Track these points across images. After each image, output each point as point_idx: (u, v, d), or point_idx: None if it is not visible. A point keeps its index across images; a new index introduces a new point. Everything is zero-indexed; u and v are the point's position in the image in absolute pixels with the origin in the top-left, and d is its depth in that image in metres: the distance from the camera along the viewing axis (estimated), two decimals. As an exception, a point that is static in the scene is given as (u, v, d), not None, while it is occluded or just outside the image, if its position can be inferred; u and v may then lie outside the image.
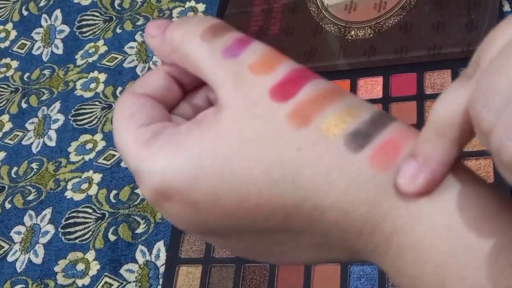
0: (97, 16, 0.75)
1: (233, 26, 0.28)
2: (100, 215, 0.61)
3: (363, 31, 0.61)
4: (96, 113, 0.68)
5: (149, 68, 0.68)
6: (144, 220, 0.59)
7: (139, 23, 0.72)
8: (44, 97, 0.72)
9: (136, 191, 0.61)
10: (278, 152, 0.24)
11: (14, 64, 0.76)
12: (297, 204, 0.24)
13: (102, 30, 0.73)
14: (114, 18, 0.74)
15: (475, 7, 0.58)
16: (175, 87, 0.29)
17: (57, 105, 0.70)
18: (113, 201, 0.61)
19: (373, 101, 0.57)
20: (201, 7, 0.70)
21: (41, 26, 0.77)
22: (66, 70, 0.72)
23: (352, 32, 0.61)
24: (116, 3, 0.75)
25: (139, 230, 0.59)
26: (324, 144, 0.24)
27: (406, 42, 0.58)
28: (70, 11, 0.77)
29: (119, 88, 0.68)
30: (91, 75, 0.71)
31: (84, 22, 0.75)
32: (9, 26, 0.79)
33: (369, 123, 0.24)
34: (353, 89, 0.58)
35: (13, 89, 0.74)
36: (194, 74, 0.28)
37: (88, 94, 0.70)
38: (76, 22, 0.76)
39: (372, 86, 0.58)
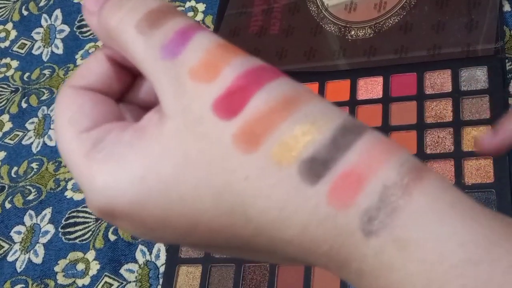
0: (97, 16, 0.75)
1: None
2: (100, 215, 0.61)
3: (363, 31, 0.61)
4: (96, 113, 0.68)
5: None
6: (144, 220, 0.59)
7: (139, 23, 0.72)
8: (44, 97, 0.71)
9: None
10: (226, 179, 0.21)
11: (14, 64, 0.76)
12: (253, 234, 0.21)
13: (102, 30, 0.73)
14: (114, 18, 0.74)
15: (475, 7, 0.57)
16: (121, 72, 0.26)
17: (57, 105, 0.70)
18: (113, 201, 0.61)
19: (373, 101, 0.57)
20: (201, 7, 0.70)
21: (41, 26, 0.77)
22: (66, 70, 0.72)
23: (352, 32, 0.61)
24: (116, 3, 0.74)
25: (139, 230, 0.59)
26: (275, 172, 0.20)
27: (406, 42, 0.58)
28: (70, 11, 0.76)
29: (119, 88, 0.68)
30: (91, 75, 0.71)
31: (84, 22, 0.75)
32: (9, 26, 0.79)
33: (328, 146, 0.20)
34: (353, 89, 0.58)
35: (13, 89, 0.74)
36: None
37: (88, 94, 0.70)
38: (76, 22, 0.75)
39: (372, 86, 0.58)
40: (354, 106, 0.58)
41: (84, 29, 0.75)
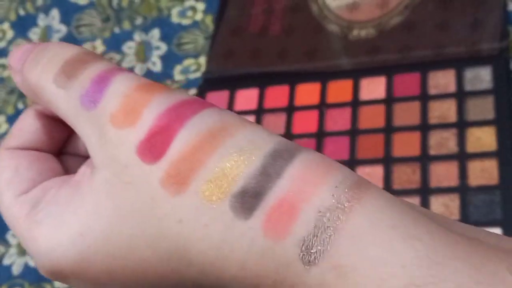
0: (95, 16, 0.74)
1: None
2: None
3: (366, 31, 0.60)
4: (94, 114, 0.67)
5: (148, 69, 0.68)
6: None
7: (138, 22, 0.71)
8: (41, 98, 0.71)
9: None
10: (159, 225, 0.20)
11: (11, 64, 0.75)
12: (199, 276, 0.21)
13: (100, 29, 0.73)
14: (112, 17, 0.73)
15: (480, 6, 0.57)
16: (56, 126, 0.25)
17: (54, 105, 0.70)
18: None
19: (376, 101, 0.57)
20: (200, 6, 0.69)
21: (38, 26, 0.77)
22: (64, 70, 0.72)
23: (355, 32, 0.61)
24: (114, 2, 0.74)
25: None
26: (207, 211, 0.20)
27: (410, 41, 0.58)
28: (68, 11, 0.76)
29: (117, 89, 0.68)
30: (89, 75, 0.70)
31: (81, 22, 0.74)
32: (6, 26, 0.78)
33: (258, 176, 0.20)
34: (356, 89, 0.58)
35: (9, 90, 0.73)
36: None
37: (85, 95, 0.69)
38: (73, 22, 0.75)
39: (375, 86, 0.58)
40: (356, 106, 0.57)
41: (82, 29, 0.74)
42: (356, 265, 0.18)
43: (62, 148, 0.27)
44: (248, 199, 0.20)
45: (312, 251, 0.19)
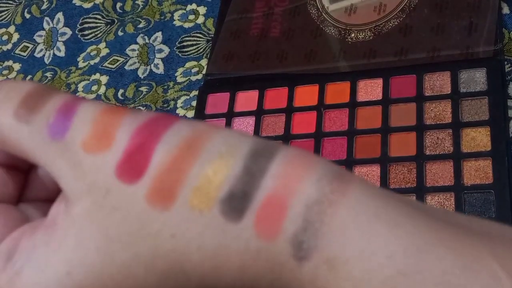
0: (99, 19, 0.75)
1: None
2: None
3: (363, 34, 0.61)
4: (98, 115, 0.68)
5: (150, 71, 0.69)
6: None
7: (141, 25, 0.72)
8: (46, 99, 0.72)
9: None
10: (153, 244, 0.20)
11: (17, 66, 0.76)
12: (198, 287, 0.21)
13: (104, 32, 0.74)
14: (116, 20, 0.74)
15: (475, 10, 0.58)
16: (9, 173, 0.24)
17: (59, 107, 0.71)
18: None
19: (373, 103, 0.58)
20: (202, 10, 0.70)
21: (43, 29, 0.78)
22: (68, 73, 0.73)
23: (352, 35, 0.62)
24: (118, 6, 0.75)
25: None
26: (199, 220, 0.20)
27: (406, 44, 0.59)
28: (72, 14, 0.77)
29: (121, 90, 0.69)
30: (93, 77, 0.71)
31: (86, 25, 0.75)
32: (12, 29, 0.79)
33: (242, 177, 0.20)
34: (353, 91, 0.59)
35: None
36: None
37: (89, 97, 0.70)
38: (78, 25, 0.76)
39: (372, 88, 0.59)
40: (354, 108, 0.58)
41: (86, 32, 0.75)
42: (345, 257, 0.19)
43: (20, 196, 0.25)
44: (236, 201, 0.20)
45: (303, 246, 0.19)
